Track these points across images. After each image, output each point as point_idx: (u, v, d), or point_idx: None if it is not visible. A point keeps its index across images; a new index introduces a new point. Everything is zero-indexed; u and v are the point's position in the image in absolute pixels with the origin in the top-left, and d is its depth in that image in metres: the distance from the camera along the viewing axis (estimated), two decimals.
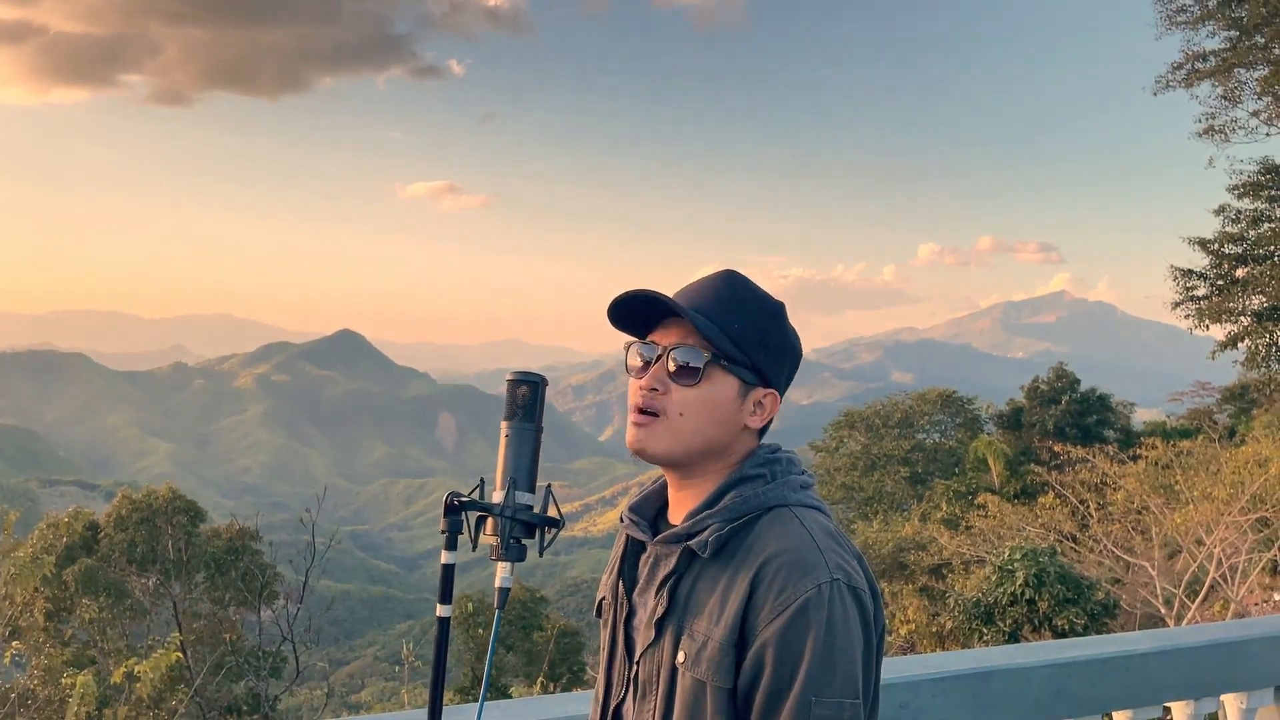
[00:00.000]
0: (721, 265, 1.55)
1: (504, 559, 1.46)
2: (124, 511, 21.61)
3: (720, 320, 1.44)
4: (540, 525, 1.48)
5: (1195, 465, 16.86)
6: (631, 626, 1.51)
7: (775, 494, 1.43)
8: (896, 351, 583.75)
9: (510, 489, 1.46)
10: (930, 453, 31.78)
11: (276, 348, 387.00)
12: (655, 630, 1.43)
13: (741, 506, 1.42)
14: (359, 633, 72.78)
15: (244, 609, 21.08)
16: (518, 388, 1.50)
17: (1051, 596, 12.78)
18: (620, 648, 1.52)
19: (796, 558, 1.35)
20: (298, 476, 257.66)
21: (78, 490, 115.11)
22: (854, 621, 1.34)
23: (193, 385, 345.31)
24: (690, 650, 1.38)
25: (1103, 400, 28.76)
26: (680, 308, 1.43)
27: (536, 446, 1.49)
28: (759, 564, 1.36)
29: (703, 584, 1.41)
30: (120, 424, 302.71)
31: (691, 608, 1.41)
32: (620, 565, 1.56)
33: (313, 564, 12.88)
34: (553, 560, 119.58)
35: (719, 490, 1.45)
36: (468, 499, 1.48)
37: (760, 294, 1.50)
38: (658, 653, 1.43)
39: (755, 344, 1.45)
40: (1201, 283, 20.86)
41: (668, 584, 1.44)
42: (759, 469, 1.46)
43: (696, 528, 1.43)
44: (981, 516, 18.61)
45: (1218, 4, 20.00)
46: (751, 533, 1.40)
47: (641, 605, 1.50)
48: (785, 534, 1.38)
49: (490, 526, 1.47)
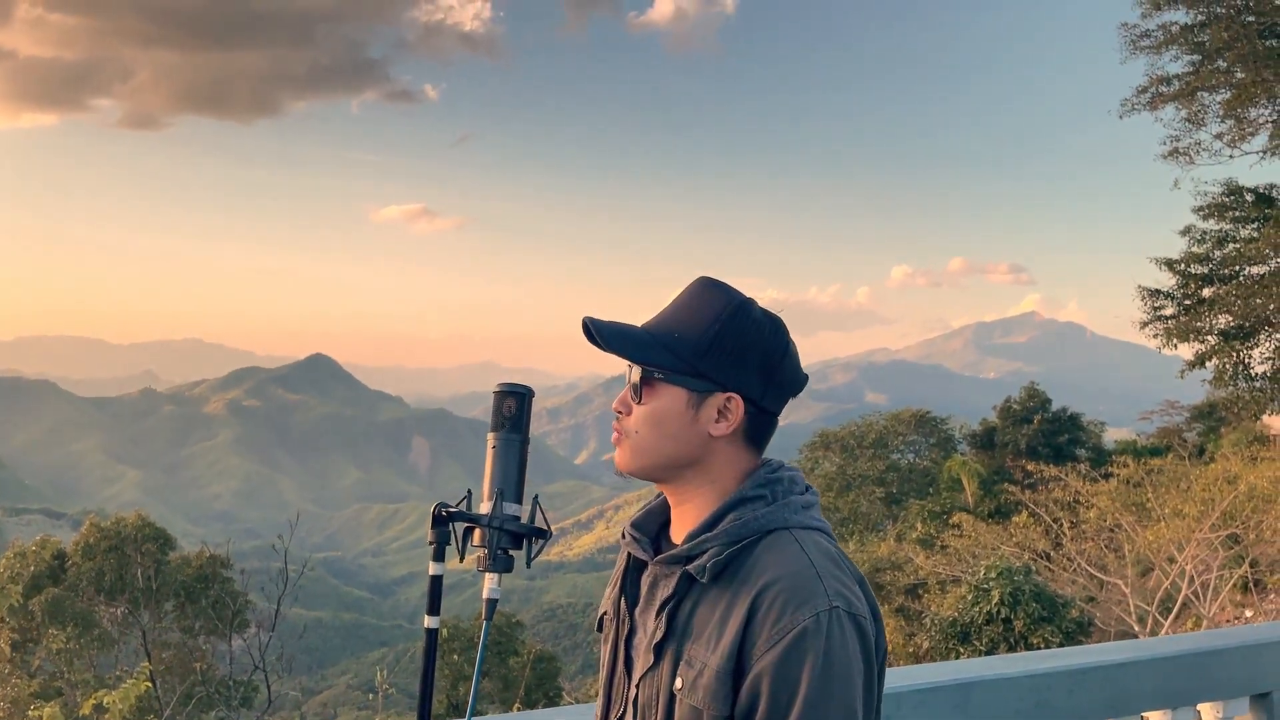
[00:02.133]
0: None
1: (491, 570, 1.46)
2: (92, 540, 21.30)
3: (661, 331, 1.42)
4: (528, 535, 1.49)
5: (1166, 483, 17.04)
6: (632, 645, 1.48)
7: (775, 516, 1.38)
8: (870, 372, 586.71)
9: (498, 500, 1.46)
10: (905, 473, 31.90)
11: (247, 372, 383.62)
12: (654, 655, 1.40)
13: (741, 530, 1.37)
14: (332, 661, 71.90)
15: (214, 638, 20.82)
16: (504, 399, 1.51)
17: (1027, 615, 12.84)
18: (620, 665, 1.49)
19: (795, 584, 1.31)
20: (269, 503, 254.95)
21: (44, 519, 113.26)
22: (853, 650, 1.30)
23: (162, 411, 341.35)
24: (687, 677, 1.34)
25: (1074, 419, 29.03)
26: (598, 333, 1.41)
27: (523, 457, 1.50)
28: (756, 591, 1.32)
29: (701, 608, 1.37)
30: (88, 451, 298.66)
31: (690, 632, 1.37)
32: (622, 581, 1.53)
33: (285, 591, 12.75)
34: (528, 584, 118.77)
35: (718, 512, 1.40)
36: (455, 510, 1.48)
37: (718, 297, 1.43)
38: (656, 677, 1.39)
39: (698, 350, 1.39)
40: (1169, 303, 21.11)
41: (666, 608, 1.40)
42: (759, 490, 1.41)
43: (695, 550, 1.39)
44: (956, 536, 18.70)
45: (1181, 29, 20.37)
46: (751, 557, 1.36)
47: (642, 625, 1.46)
48: (784, 559, 1.34)
49: (478, 537, 1.47)
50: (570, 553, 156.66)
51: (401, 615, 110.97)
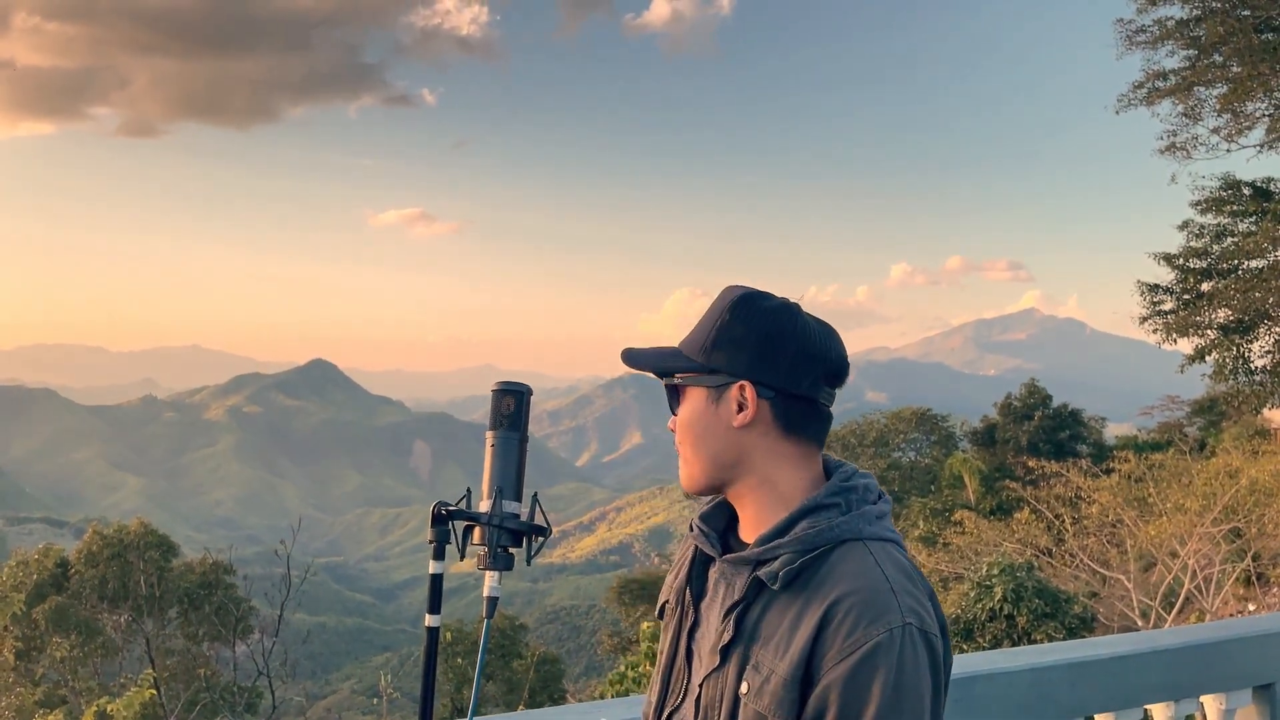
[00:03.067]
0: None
1: (491, 568, 1.47)
2: (95, 548, 21.31)
3: (684, 342, 1.44)
4: (527, 533, 1.50)
5: (1167, 478, 17.01)
6: (694, 639, 1.47)
7: (850, 526, 1.36)
8: (870, 371, 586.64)
9: (497, 498, 1.47)
10: (906, 471, 31.91)
11: (248, 379, 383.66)
12: (720, 657, 1.39)
13: (815, 539, 1.35)
14: (336, 665, 71.92)
15: (218, 644, 20.81)
16: (503, 398, 1.51)
17: (1030, 611, 12.82)
18: (681, 658, 1.48)
19: (869, 598, 1.29)
20: (271, 508, 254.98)
21: (46, 527, 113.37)
22: (924, 667, 1.28)
23: (163, 418, 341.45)
24: (754, 683, 1.33)
25: (1075, 415, 29.03)
26: (629, 356, 1.46)
27: (522, 455, 1.51)
28: (830, 602, 1.30)
29: (771, 614, 1.36)
30: (89, 459, 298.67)
31: (758, 637, 1.36)
32: (689, 574, 1.52)
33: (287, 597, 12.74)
34: (531, 587, 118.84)
35: (791, 517, 1.38)
36: (455, 508, 1.49)
37: (726, 294, 1.44)
38: (721, 679, 1.38)
39: (704, 345, 1.41)
40: (1168, 297, 21.09)
41: (734, 612, 1.39)
42: (834, 498, 1.39)
43: (767, 555, 1.37)
44: (958, 533, 18.68)
45: (1176, 24, 20.37)
46: (824, 566, 1.34)
47: (706, 620, 1.46)
48: (858, 571, 1.32)
49: (477, 535, 1.48)
50: (572, 555, 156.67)
51: (404, 619, 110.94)
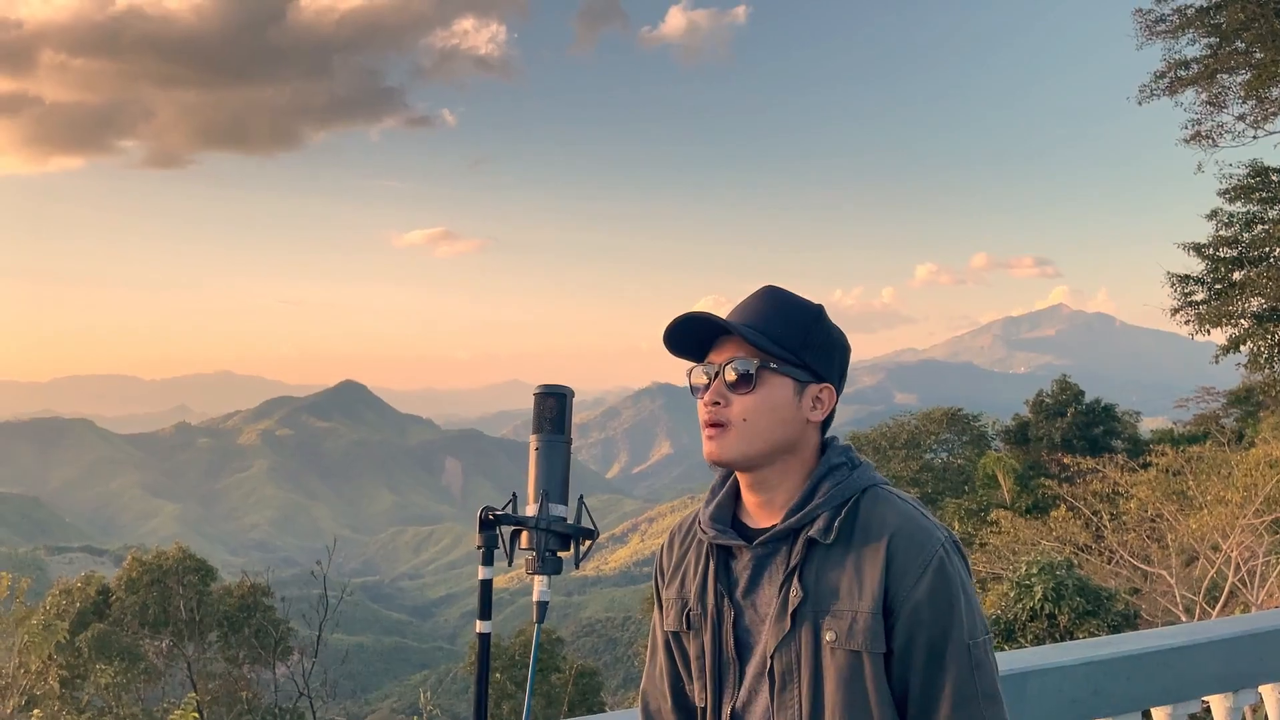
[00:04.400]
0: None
1: (540, 572, 1.48)
2: (135, 574, 21.52)
3: (764, 328, 1.55)
4: (575, 536, 1.50)
5: (1206, 470, 16.78)
6: (741, 628, 1.59)
7: (864, 477, 1.58)
8: (898, 373, 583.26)
9: (543, 501, 1.47)
10: (939, 472, 31.65)
11: (279, 402, 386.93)
12: (792, 620, 1.52)
13: (843, 492, 1.55)
14: (375, 685, 72.07)
15: (258, 666, 20.94)
16: (545, 400, 1.52)
17: (1071, 609, 12.66)
18: (729, 651, 1.59)
19: (917, 527, 1.51)
20: (305, 530, 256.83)
21: (86, 556, 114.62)
22: (968, 571, 1.54)
23: (197, 444, 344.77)
24: (840, 629, 1.49)
25: (1108, 410, 28.68)
26: (725, 321, 1.55)
27: (567, 458, 1.52)
28: (889, 537, 1.50)
29: (827, 568, 1.52)
30: (125, 487, 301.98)
31: (824, 592, 1.52)
32: (715, 573, 1.62)
33: (325, 618, 12.83)
34: (566, 600, 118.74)
35: (813, 484, 1.57)
36: (502, 513, 1.49)
37: (799, 301, 1.61)
38: (795, 642, 1.52)
39: (800, 344, 1.56)
40: (1199, 288, 20.84)
41: (795, 574, 1.53)
42: (840, 458, 1.60)
43: (806, 519, 1.54)
44: (995, 533, 18.51)
45: (1196, 12, 20.19)
46: (859, 514, 1.54)
47: (750, 605, 1.58)
48: (895, 510, 1.53)
49: (525, 540, 1.49)
50: (606, 567, 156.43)
51: (441, 637, 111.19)
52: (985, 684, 1.50)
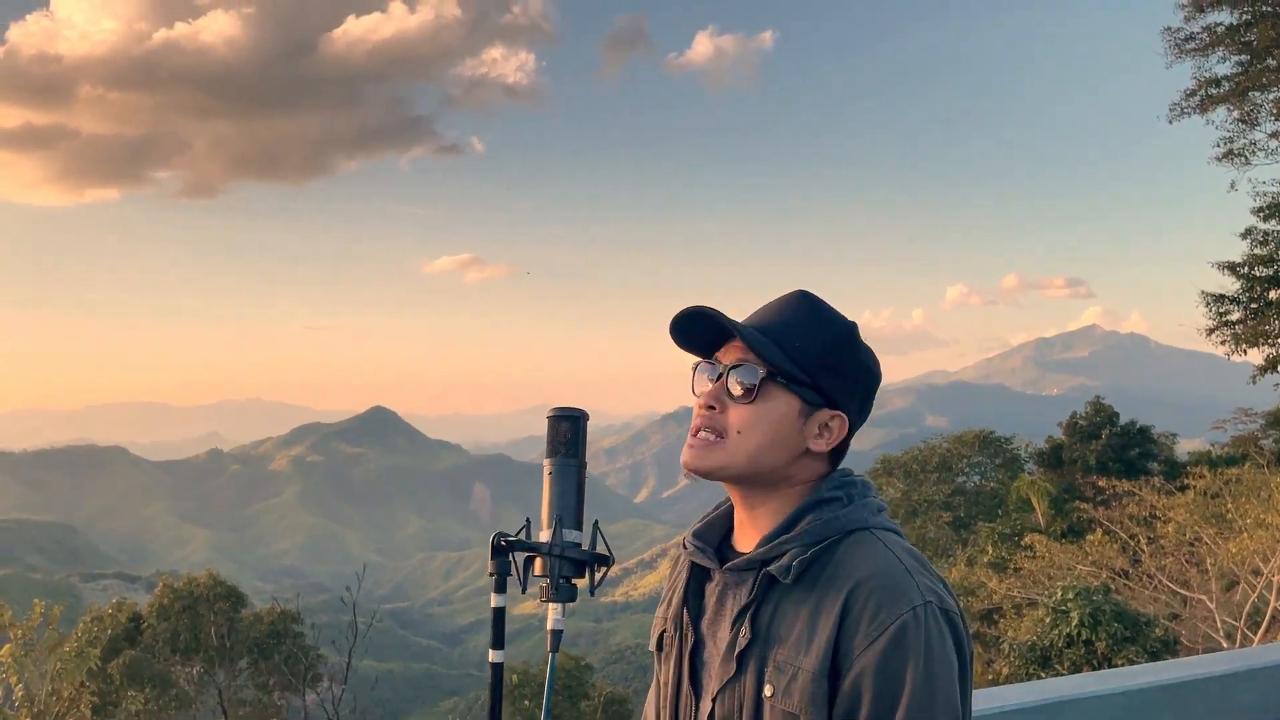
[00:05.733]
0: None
1: (554, 600, 1.42)
2: (166, 600, 21.65)
3: (781, 338, 1.40)
4: (590, 563, 1.44)
5: (1245, 492, 16.48)
6: (699, 660, 1.45)
7: (855, 517, 1.39)
8: (929, 395, 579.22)
9: (557, 526, 1.42)
10: (971, 496, 31.31)
11: (309, 428, 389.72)
12: (737, 663, 1.37)
13: (821, 530, 1.37)
14: (404, 712, 71.97)
15: (289, 693, 20.98)
16: (559, 424, 1.47)
17: (1109, 635, 12.44)
18: (686, 683, 1.45)
19: (888, 581, 1.31)
20: (335, 556, 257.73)
21: (119, 583, 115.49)
22: (949, 645, 1.30)
23: (228, 471, 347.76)
24: (779, 683, 1.32)
25: (1144, 432, 28.28)
26: (733, 324, 1.40)
27: (581, 482, 1.46)
28: (849, 588, 1.31)
29: (784, 611, 1.35)
30: (158, 514, 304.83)
31: (774, 637, 1.35)
32: (685, 594, 1.50)
33: (355, 644, 12.83)
34: (595, 627, 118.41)
35: (795, 513, 1.40)
36: (514, 539, 1.44)
37: (830, 314, 1.45)
38: (739, 687, 1.36)
39: (818, 364, 1.40)
40: (1235, 307, 20.61)
41: (747, 613, 1.38)
42: (835, 491, 1.42)
43: (774, 553, 1.38)
44: (1029, 558, 18.25)
45: (1226, 30, 20.06)
46: (834, 557, 1.36)
47: (710, 637, 1.44)
48: (871, 557, 1.34)
49: (539, 567, 1.43)
50: (635, 593, 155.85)
51: (471, 663, 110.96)
52: None
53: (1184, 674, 2.31)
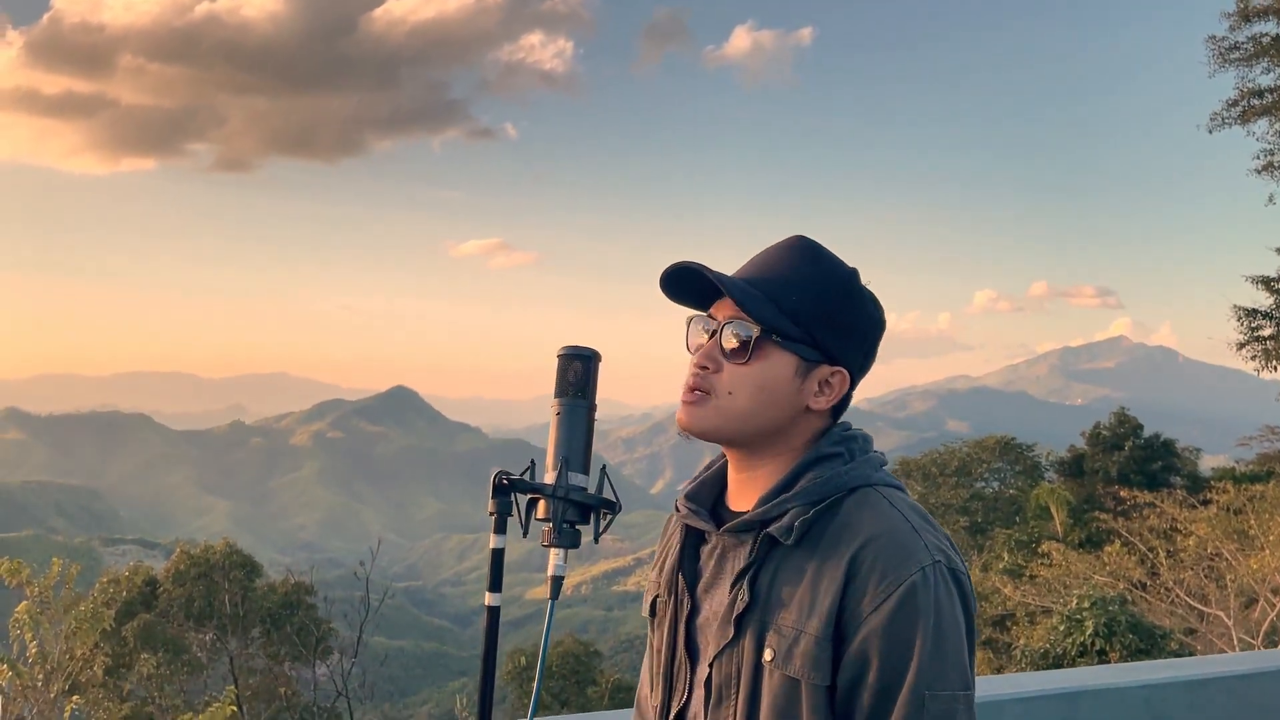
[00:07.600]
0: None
1: (556, 545, 1.35)
2: (182, 567, 21.84)
3: (776, 292, 1.32)
4: (595, 507, 1.37)
5: (1269, 509, 16.29)
6: (694, 625, 1.39)
7: (858, 473, 1.32)
8: (951, 400, 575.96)
9: (562, 469, 1.35)
10: (990, 501, 31.12)
11: (331, 405, 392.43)
12: (735, 627, 1.31)
13: (823, 488, 1.31)
14: (413, 690, 72.50)
15: (299, 664, 21.11)
16: (570, 363, 1.40)
17: (1123, 647, 12.30)
18: (681, 649, 1.39)
19: (894, 540, 1.25)
20: (352, 532, 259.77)
21: (138, 548, 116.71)
22: (958, 606, 1.25)
23: (250, 443, 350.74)
24: (779, 647, 1.26)
25: (1168, 446, 28.01)
26: (723, 281, 1.32)
27: (590, 425, 1.38)
28: (855, 548, 1.25)
29: (785, 574, 1.29)
30: (180, 483, 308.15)
31: (775, 600, 1.29)
32: (679, 559, 1.43)
33: (366, 619, 12.87)
34: (606, 615, 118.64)
35: (795, 471, 1.33)
36: (517, 478, 1.37)
37: (828, 264, 1.36)
38: (737, 652, 1.31)
39: (815, 318, 1.32)
40: (1267, 322, 20.32)
41: (745, 576, 1.31)
42: (836, 447, 1.35)
43: (773, 512, 1.31)
44: (1045, 566, 18.11)
45: (1272, 40, 19.75)
46: (837, 516, 1.29)
47: (707, 602, 1.38)
48: (877, 516, 1.28)
49: (542, 510, 1.36)
50: (648, 582, 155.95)
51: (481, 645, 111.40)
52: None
53: (1209, 671, 2.26)
